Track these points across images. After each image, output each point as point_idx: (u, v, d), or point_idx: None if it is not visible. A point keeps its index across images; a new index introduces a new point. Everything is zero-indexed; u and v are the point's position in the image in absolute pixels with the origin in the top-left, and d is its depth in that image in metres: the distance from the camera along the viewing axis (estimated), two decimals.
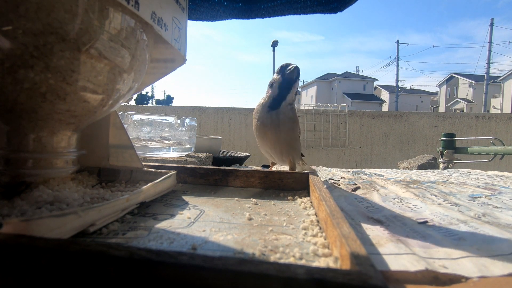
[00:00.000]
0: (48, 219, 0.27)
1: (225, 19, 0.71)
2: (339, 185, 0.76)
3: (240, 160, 1.32)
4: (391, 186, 0.73)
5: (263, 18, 0.69)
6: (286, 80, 0.66)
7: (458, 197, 0.63)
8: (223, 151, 1.52)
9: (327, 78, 28.05)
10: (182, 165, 0.61)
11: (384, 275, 0.28)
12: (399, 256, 0.31)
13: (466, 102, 21.56)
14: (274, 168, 0.78)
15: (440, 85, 26.06)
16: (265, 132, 0.66)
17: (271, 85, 0.68)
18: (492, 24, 17.45)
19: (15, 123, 0.38)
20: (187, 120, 1.11)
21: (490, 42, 17.45)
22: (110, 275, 0.20)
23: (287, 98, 0.65)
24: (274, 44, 6.80)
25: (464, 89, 22.73)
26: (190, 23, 0.60)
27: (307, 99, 28.95)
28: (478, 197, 0.63)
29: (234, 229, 0.35)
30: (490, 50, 17.33)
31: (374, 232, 0.39)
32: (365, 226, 0.42)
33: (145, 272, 0.19)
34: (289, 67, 0.66)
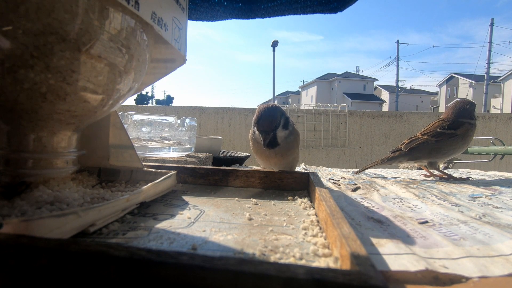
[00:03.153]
0: (48, 219, 0.27)
1: (225, 19, 0.71)
2: (339, 185, 0.76)
3: (240, 160, 1.32)
4: (391, 186, 0.73)
5: (263, 18, 0.69)
6: (264, 133, 0.58)
7: (458, 197, 0.63)
8: (223, 151, 1.52)
9: (327, 78, 28.06)
10: (182, 165, 0.61)
11: (384, 275, 0.28)
12: (399, 256, 0.31)
13: None
14: None
15: (440, 85, 26.07)
16: (269, 158, 0.62)
17: (254, 132, 0.62)
18: (492, 24, 17.45)
19: (15, 123, 0.38)
20: (187, 120, 1.11)
21: (490, 42, 17.45)
22: (110, 275, 0.20)
23: (278, 137, 0.59)
24: (274, 44, 6.81)
25: (464, 89, 22.73)
26: (190, 23, 0.60)
27: (307, 99, 28.96)
28: (478, 197, 0.63)
29: (234, 229, 0.35)
30: (490, 50, 17.33)
31: (374, 232, 0.39)
32: (365, 226, 0.42)
33: (145, 272, 0.19)
34: (257, 123, 0.58)
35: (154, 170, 0.53)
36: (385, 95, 28.28)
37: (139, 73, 0.44)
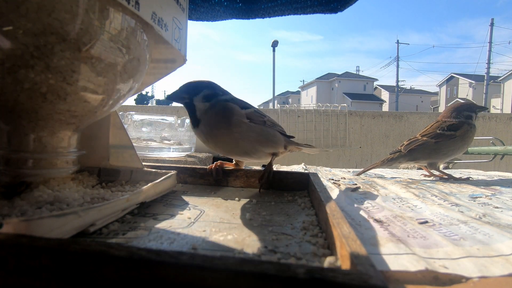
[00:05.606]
0: (48, 219, 0.27)
1: (225, 19, 0.71)
2: (339, 185, 0.76)
3: None
4: (391, 186, 0.73)
5: (263, 18, 0.69)
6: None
7: (458, 197, 0.63)
8: None
9: (327, 78, 28.05)
10: (182, 165, 0.61)
11: (384, 275, 0.28)
12: (399, 256, 0.31)
13: None
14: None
15: (440, 85, 26.04)
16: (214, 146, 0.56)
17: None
18: (492, 24, 17.43)
19: (16, 123, 0.38)
20: (187, 120, 1.11)
21: (490, 42, 17.44)
22: (110, 275, 0.20)
23: (197, 110, 0.53)
24: (274, 44, 6.81)
25: (464, 89, 22.71)
26: (190, 23, 0.60)
27: (307, 99, 28.95)
28: (478, 197, 0.63)
29: (234, 229, 0.35)
30: (490, 50, 17.31)
31: (374, 232, 0.39)
32: (365, 226, 0.42)
33: (145, 272, 0.19)
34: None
35: (154, 170, 0.53)
36: (385, 95, 28.27)
37: (139, 73, 0.44)
